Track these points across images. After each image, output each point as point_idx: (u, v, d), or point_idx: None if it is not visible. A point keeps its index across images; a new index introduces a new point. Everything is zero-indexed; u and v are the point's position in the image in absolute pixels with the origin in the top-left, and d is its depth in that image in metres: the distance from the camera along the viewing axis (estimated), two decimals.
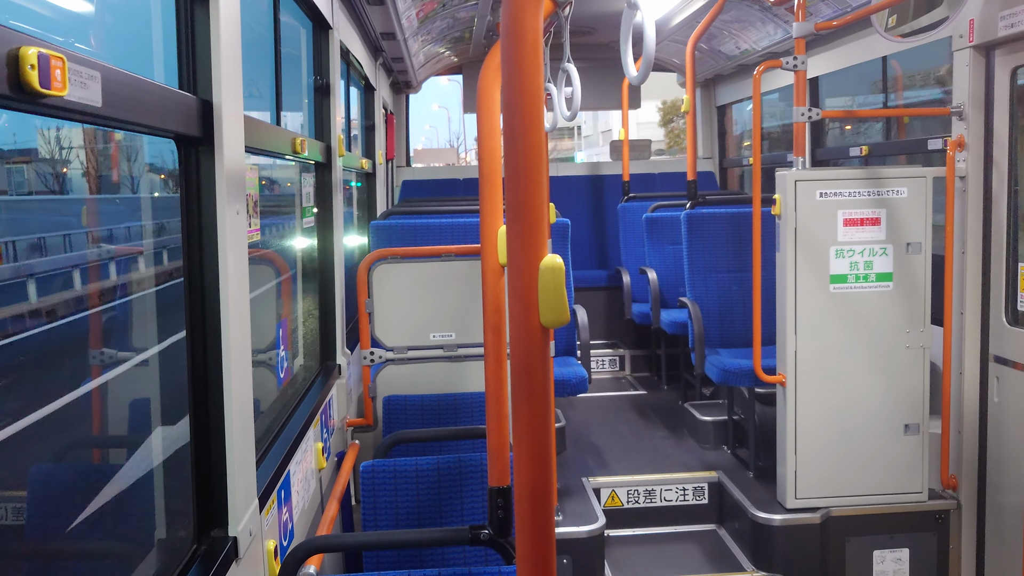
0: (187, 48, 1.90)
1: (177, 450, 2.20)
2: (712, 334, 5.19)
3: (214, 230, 1.92)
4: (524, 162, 1.11)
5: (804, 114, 4.09)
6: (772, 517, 4.01)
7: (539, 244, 1.13)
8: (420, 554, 2.84)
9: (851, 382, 3.99)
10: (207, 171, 1.91)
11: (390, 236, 4.61)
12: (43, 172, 4.01)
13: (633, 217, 6.96)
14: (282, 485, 2.51)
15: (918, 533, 3.99)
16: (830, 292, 3.96)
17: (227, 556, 1.90)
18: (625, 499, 4.58)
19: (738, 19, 5.69)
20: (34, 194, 4.50)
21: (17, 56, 1.11)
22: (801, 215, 3.93)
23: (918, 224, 3.95)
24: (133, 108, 1.51)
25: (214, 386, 1.95)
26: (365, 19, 4.58)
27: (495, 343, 2.04)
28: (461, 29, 6.33)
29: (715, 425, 5.19)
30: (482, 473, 2.87)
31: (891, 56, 5.09)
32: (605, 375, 7.17)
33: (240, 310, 2.03)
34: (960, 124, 3.85)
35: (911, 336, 3.98)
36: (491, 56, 1.97)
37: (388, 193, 7.15)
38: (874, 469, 4.01)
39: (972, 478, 3.94)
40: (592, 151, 47.79)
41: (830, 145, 5.98)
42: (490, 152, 1.99)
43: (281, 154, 2.92)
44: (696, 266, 5.26)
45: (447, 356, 3.91)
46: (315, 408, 3.16)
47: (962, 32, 3.76)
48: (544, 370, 1.15)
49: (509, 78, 1.10)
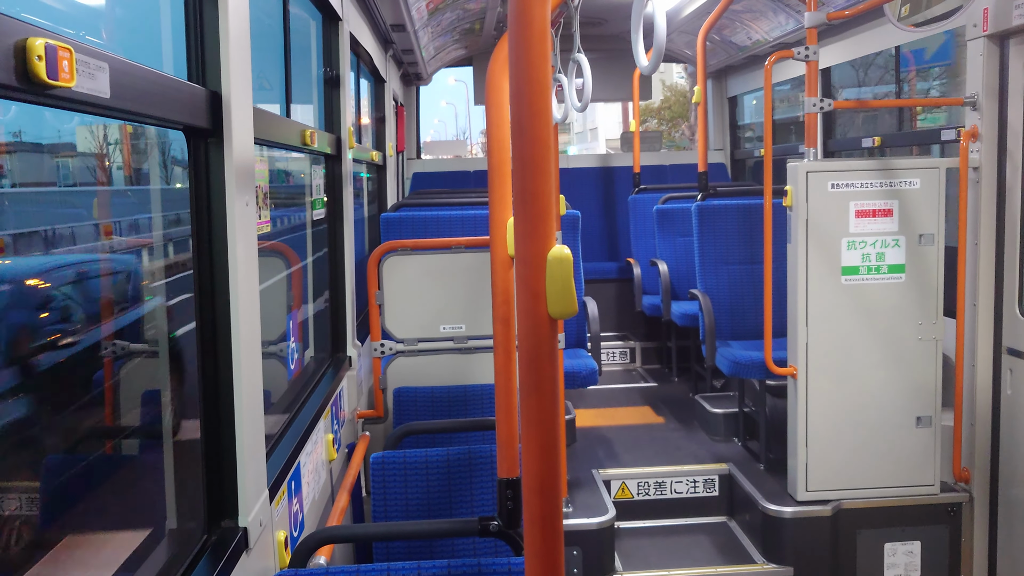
0: (196, 39, 1.90)
1: None
2: (723, 326, 5.17)
3: (223, 222, 1.92)
4: (531, 152, 1.10)
5: (816, 105, 4.06)
6: (783, 509, 4.00)
7: (547, 235, 1.12)
8: (430, 545, 2.85)
9: (863, 374, 3.97)
10: (216, 163, 1.91)
11: (400, 228, 4.61)
12: (91, 165, 4.04)
13: (644, 209, 6.94)
14: (292, 476, 2.52)
15: (930, 526, 3.97)
16: (842, 284, 3.94)
17: (237, 546, 1.90)
18: (635, 491, 4.58)
19: (749, 9, 5.65)
20: (79, 185, 4.51)
21: (25, 47, 1.11)
22: (813, 206, 3.91)
23: (931, 215, 3.92)
24: (142, 100, 1.51)
25: (224, 378, 1.96)
26: (375, 11, 4.57)
27: (504, 335, 2.04)
28: (471, 21, 6.31)
29: (726, 417, 5.18)
30: (492, 465, 2.87)
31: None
32: (616, 367, 7.17)
33: (250, 302, 2.03)
34: (974, 115, 3.81)
35: (923, 328, 3.95)
36: (500, 47, 1.97)
37: (399, 185, 7.15)
38: (886, 461, 3.99)
39: (984, 471, 3.92)
40: (582, 145, 50.45)
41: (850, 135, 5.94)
42: (499, 143, 1.98)
43: (291, 146, 2.92)
44: (707, 258, 5.24)
45: (457, 348, 3.91)
46: (325, 400, 3.16)
47: (976, 21, 3.73)
48: (552, 361, 1.15)
49: (517, 67, 1.09)
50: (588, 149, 43.43)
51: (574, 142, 53.98)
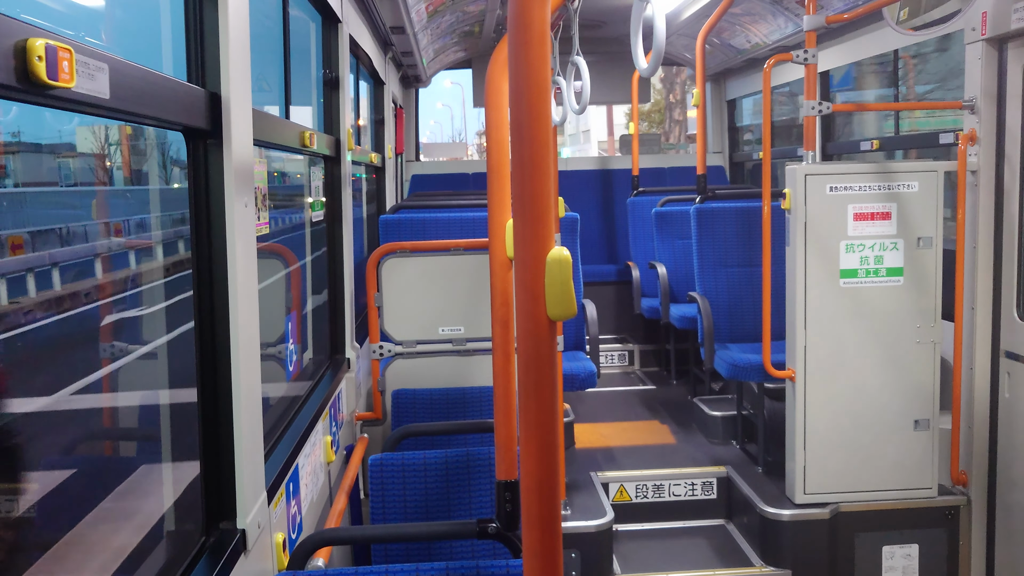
0: (196, 40, 1.90)
1: None
2: (721, 329, 5.17)
3: (222, 223, 1.92)
4: (530, 154, 1.10)
5: (815, 108, 4.07)
6: (781, 512, 4.00)
7: (546, 237, 1.12)
8: (428, 547, 2.85)
9: (861, 377, 3.97)
10: (215, 164, 1.91)
11: (399, 230, 4.61)
12: (91, 165, 4.10)
13: (643, 211, 6.95)
14: (291, 478, 2.52)
15: (928, 529, 3.97)
16: (840, 287, 3.94)
17: (235, 548, 1.90)
18: (634, 494, 4.58)
19: (748, 12, 5.66)
20: (79, 185, 4.55)
21: (25, 47, 1.11)
22: (811, 209, 3.91)
23: (929, 218, 3.92)
24: (141, 100, 1.51)
25: (223, 379, 1.95)
26: (374, 13, 4.58)
27: (503, 337, 2.04)
28: (471, 23, 6.32)
29: (724, 420, 5.18)
30: (490, 467, 2.87)
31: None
32: (614, 370, 7.17)
33: (249, 303, 2.03)
34: (972, 118, 3.82)
35: (921, 331, 3.96)
36: (499, 49, 1.97)
37: (397, 187, 7.15)
38: (884, 465, 4.00)
39: (982, 474, 3.92)
40: (575, 147, 51.37)
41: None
42: (498, 145, 1.98)
43: (290, 147, 2.92)
44: (705, 260, 5.25)
45: (456, 350, 3.91)
46: (324, 402, 3.16)
47: (974, 25, 3.73)
48: (551, 363, 1.15)
49: (516, 69, 1.09)
50: (580, 151, 43.97)
51: (567, 144, 54.42)
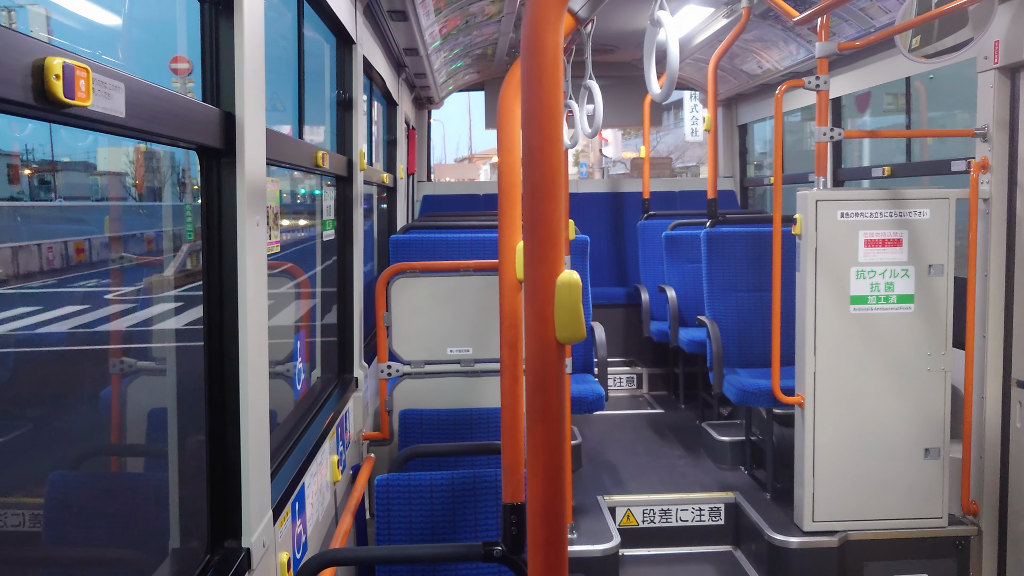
0: (211, 61, 1.92)
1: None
2: (731, 353, 5.15)
3: (234, 241, 1.93)
4: (542, 177, 1.11)
5: (826, 134, 4.07)
6: (789, 540, 3.96)
7: (556, 260, 1.12)
8: (433, 569, 2.83)
9: (871, 404, 3.94)
10: (228, 183, 1.93)
11: (409, 250, 4.62)
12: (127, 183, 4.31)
13: (653, 235, 6.95)
14: (297, 497, 2.52)
15: (937, 559, 3.92)
16: (850, 313, 3.93)
17: (240, 567, 1.90)
18: (640, 518, 4.54)
19: (761, 38, 5.69)
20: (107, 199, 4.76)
21: (43, 66, 1.13)
22: (822, 235, 3.90)
23: (940, 246, 3.91)
24: (156, 119, 1.53)
25: (230, 396, 1.96)
26: (388, 35, 4.62)
27: (511, 358, 2.03)
28: (484, 46, 6.36)
29: (732, 445, 5.15)
30: (496, 489, 2.85)
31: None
32: (622, 393, 7.14)
33: (258, 321, 2.03)
34: (984, 146, 3.81)
35: (932, 359, 3.93)
36: (512, 72, 1.98)
37: (408, 207, 7.18)
38: (893, 493, 3.96)
39: (993, 504, 3.88)
40: (574, 169, 50.89)
41: None
42: (509, 167, 1.99)
43: (303, 167, 2.93)
44: (715, 285, 5.24)
45: (464, 371, 3.91)
46: (331, 420, 3.16)
47: (987, 54, 3.74)
48: (559, 386, 1.15)
49: (528, 93, 1.10)
50: (581, 173, 44.26)
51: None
